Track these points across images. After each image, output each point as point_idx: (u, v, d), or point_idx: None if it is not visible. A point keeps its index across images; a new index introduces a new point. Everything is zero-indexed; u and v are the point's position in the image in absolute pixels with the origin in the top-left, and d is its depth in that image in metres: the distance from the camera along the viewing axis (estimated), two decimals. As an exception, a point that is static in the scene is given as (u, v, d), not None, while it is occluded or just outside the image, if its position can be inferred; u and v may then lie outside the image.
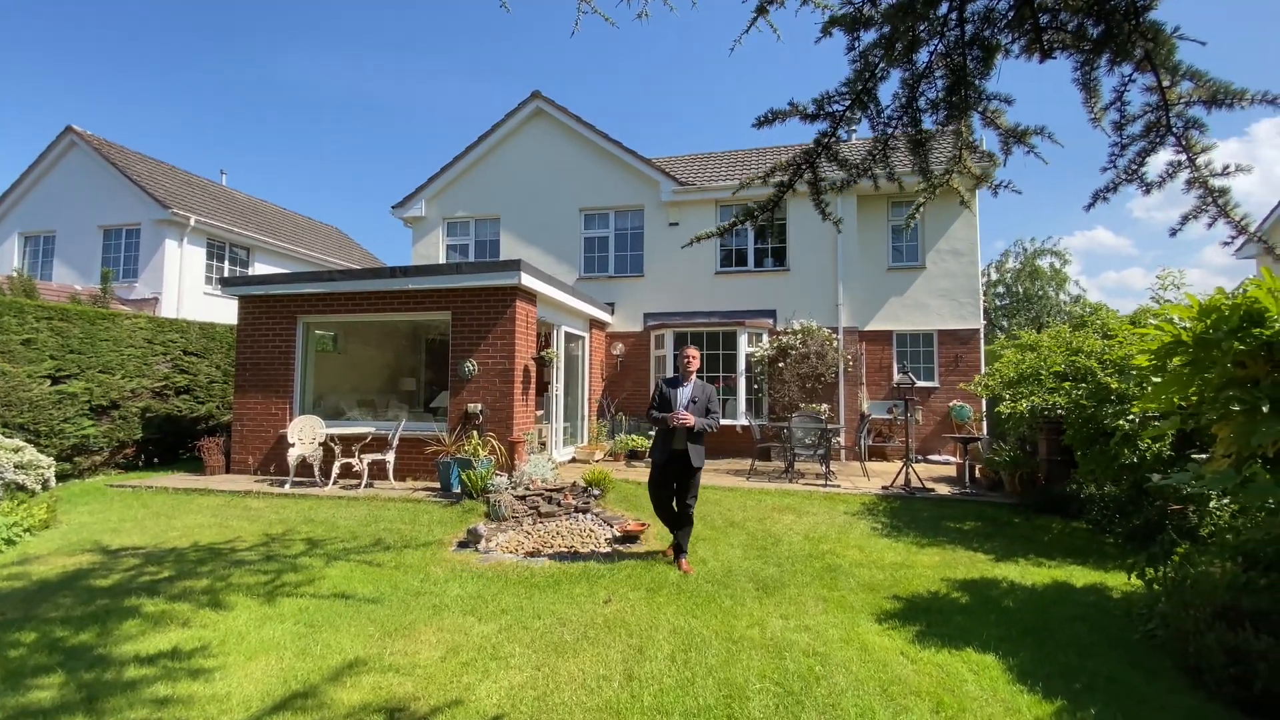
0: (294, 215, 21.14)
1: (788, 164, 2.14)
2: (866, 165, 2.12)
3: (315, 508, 7.05)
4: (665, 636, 3.65)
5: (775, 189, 2.26)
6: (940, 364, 11.86)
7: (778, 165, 2.16)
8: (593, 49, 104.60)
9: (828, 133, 2.03)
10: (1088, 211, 2.11)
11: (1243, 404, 3.18)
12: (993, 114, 1.91)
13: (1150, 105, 1.64)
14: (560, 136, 13.17)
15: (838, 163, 2.16)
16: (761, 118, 1.94)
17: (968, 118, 1.89)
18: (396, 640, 3.57)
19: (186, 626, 3.75)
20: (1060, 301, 22.99)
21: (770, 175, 2.21)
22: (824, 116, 1.96)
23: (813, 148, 2.09)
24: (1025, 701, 2.91)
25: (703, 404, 5.11)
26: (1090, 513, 6.45)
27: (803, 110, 1.94)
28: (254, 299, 9.24)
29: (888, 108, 1.91)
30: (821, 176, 2.18)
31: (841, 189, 2.15)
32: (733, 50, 3.15)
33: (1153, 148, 1.74)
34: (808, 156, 2.12)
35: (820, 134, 2.05)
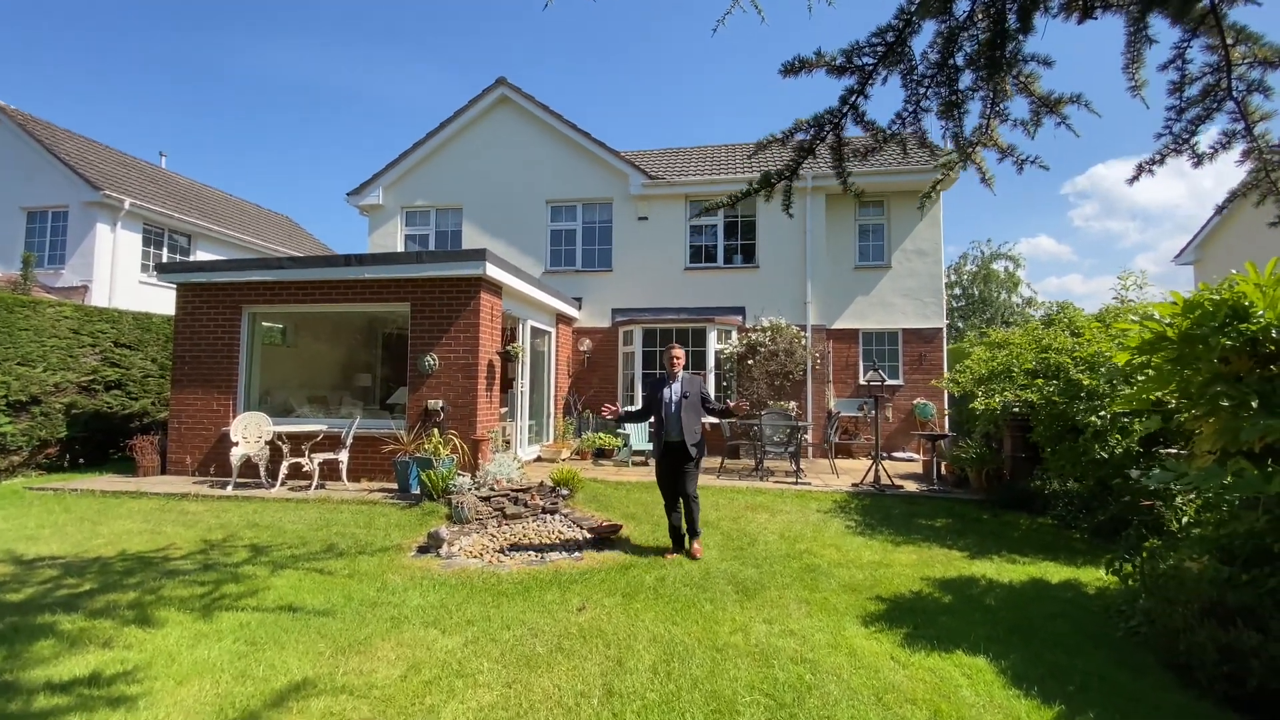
0: (240, 202, 20.06)
1: (810, 123, 1.93)
2: (895, 130, 1.94)
3: (260, 511, 6.56)
4: (645, 646, 3.42)
5: (794, 153, 2.06)
6: (905, 362, 11.99)
7: (799, 124, 1.96)
8: (562, 39, 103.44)
9: (855, 89, 1.83)
10: (1131, 185, 1.97)
11: (1231, 399, 3.15)
12: (1027, 78, 1.75)
13: (1210, 66, 1.51)
14: (526, 125, 12.78)
15: (863, 125, 1.96)
16: (788, 65, 1.72)
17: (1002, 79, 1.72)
18: (350, 657, 3.24)
19: (108, 647, 3.33)
20: (1013, 304, 23.79)
21: (790, 136, 2.00)
22: (852, 70, 1.76)
23: (838, 106, 1.89)
24: (1023, 707, 2.80)
25: (696, 396, 5.32)
26: (1055, 508, 6.52)
27: (830, 61, 1.74)
28: (194, 287, 8.60)
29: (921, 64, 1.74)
30: (845, 140, 1.98)
31: (866, 155, 1.97)
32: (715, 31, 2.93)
33: (1208, 114, 1.61)
34: (832, 116, 1.92)
35: (847, 90, 1.85)
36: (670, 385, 5.34)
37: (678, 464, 5.28)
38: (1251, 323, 3.18)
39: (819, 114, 1.93)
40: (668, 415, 5.25)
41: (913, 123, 1.89)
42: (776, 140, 1.98)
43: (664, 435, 5.27)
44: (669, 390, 5.31)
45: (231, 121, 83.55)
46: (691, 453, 5.22)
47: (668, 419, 5.24)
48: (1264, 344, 3.20)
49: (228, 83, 78.67)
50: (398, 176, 13.17)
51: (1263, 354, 3.26)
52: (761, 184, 2.15)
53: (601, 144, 12.27)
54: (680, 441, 5.22)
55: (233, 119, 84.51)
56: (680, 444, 5.22)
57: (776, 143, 1.98)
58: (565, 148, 12.59)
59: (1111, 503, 5.77)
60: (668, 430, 5.25)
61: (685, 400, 5.24)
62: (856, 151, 1.97)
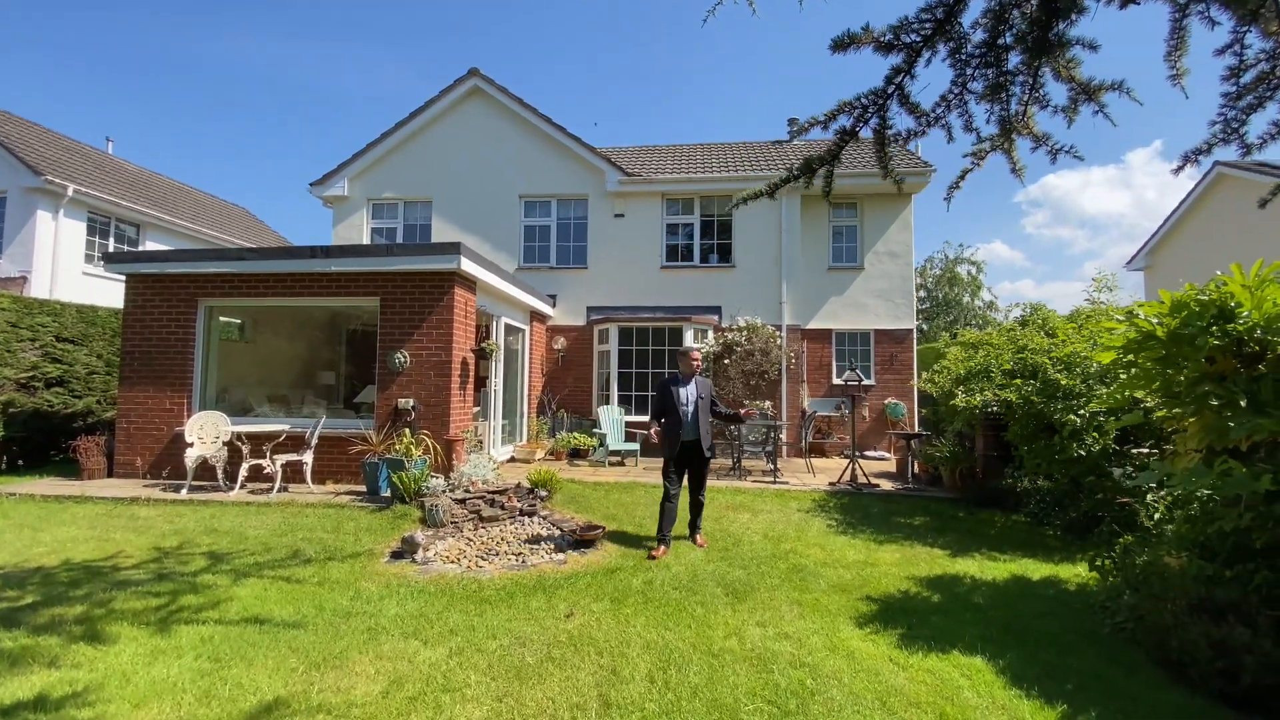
0: (195, 191, 19.16)
1: (853, 104, 1.83)
2: (940, 113, 1.86)
3: (218, 515, 6.20)
4: (639, 653, 3.30)
5: (837, 136, 1.95)
6: (876, 362, 12.14)
7: (843, 105, 1.86)
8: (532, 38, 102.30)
9: (901, 68, 1.74)
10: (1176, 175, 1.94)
11: (1219, 398, 3.20)
12: (1069, 62, 1.70)
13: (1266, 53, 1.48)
14: (499, 118, 12.50)
15: (908, 108, 1.88)
16: (838, 40, 1.62)
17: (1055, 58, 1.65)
18: (326, 673, 3.03)
19: (55, 666, 3.04)
20: (975, 307, 24.47)
21: (833, 118, 1.90)
22: (900, 48, 1.67)
23: (882, 87, 1.79)
24: (1027, 708, 2.78)
25: (708, 398, 5.59)
26: (1028, 506, 6.64)
27: (879, 38, 1.65)
28: (145, 278, 8.10)
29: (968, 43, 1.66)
30: (888, 125, 1.89)
31: (908, 139, 1.89)
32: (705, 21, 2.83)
33: (1260, 102, 1.59)
34: (876, 98, 1.82)
35: (893, 69, 1.76)
36: (684, 386, 5.48)
37: (693, 464, 5.49)
38: (1238, 323, 3.24)
39: (862, 95, 1.84)
40: (684, 415, 5.37)
41: (958, 105, 1.82)
42: (819, 122, 1.88)
43: (680, 435, 5.36)
44: (685, 391, 5.44)
45: (185, 111, 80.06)
46: (706, 454, 5.46)
47: (685, 419, 5.36)
48: (1249, 344, 3.27)
49: (182, 70, 75.32)
50: (364, 167, 12.73)
51: (1247, 354, 3.32)
52: (803, 170, 2.07)
53: (577, 139, 12.08)
54: (696, 441, 5.41)
55: (187, 108, 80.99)
56: (696, 444, 5.42)
57: (819, 125, 1.88)
58: (540, 142, 12.36)
59: (1083, 500, 5.89)
60: (685, 430, 5.36)
61: (700, 401, 5.43)
62: (897, 137, 1.89)
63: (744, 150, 13.68)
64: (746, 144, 14.17)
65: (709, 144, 14.12)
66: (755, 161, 12.73)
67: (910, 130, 1.87)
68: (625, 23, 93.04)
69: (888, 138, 1.91)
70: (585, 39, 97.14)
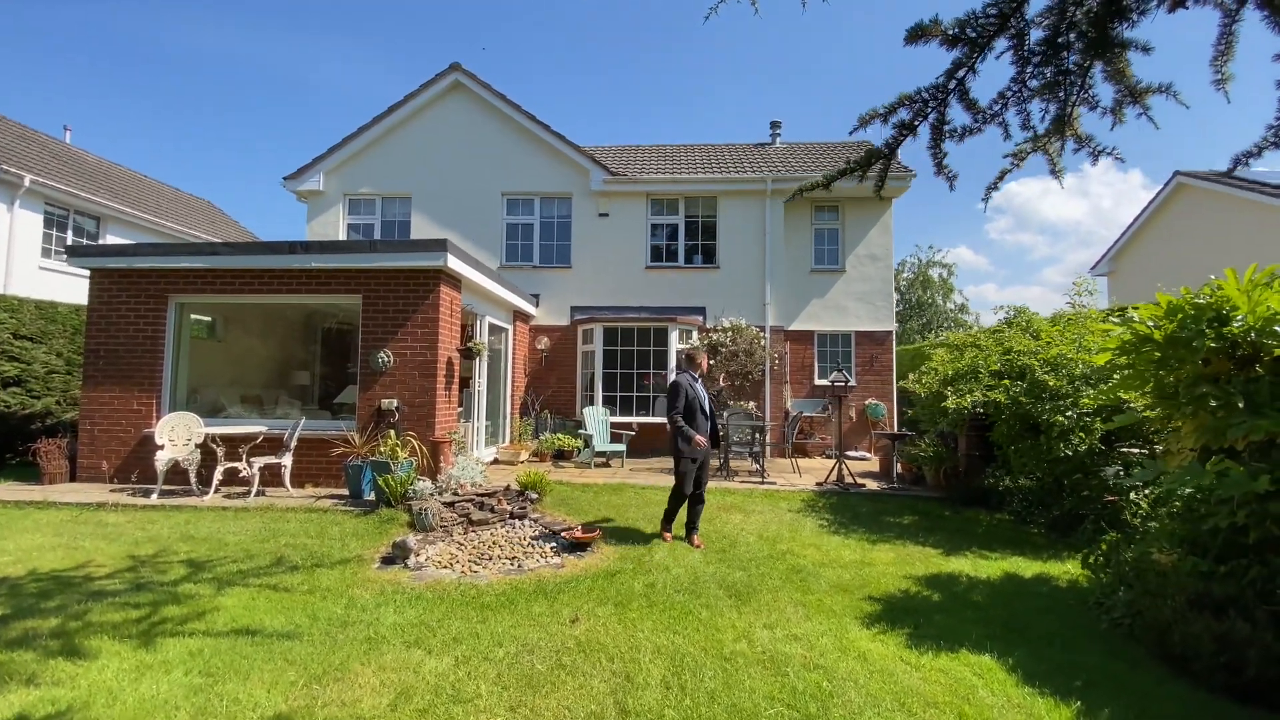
0: (156, 183, 18.43)
1: (914, 98, 1.81)
2: (996, 110, 1.85)
3: (194, 521, 5.95)
4: (651, 659, 3.24)
5: (895, 130, 1.93)
6: (857, 363, 12.30)
7: (903, 99, 1.83)
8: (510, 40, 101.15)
9: (963, 62, 1.73)
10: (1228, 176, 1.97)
11: (1217, 399, 3.29)
12: (1121, 64, 1.71)
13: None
14: (481, 114, 12.30)
15: (966, 104, 1.86)
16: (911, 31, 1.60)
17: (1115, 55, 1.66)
18: (328, 686, 2.90)
19: (33, 684, 2.84)
20: (948, 309, 25.04)
21: (893, 111, 1.87)
22: (963, 41, 1.66)
23: (943, 82, 1.78)
24: (1042, 707, 2.80)
25: (711, 397, 6.07)
26: (1011, 505, 6.78)
27: (945, 31, 1.63)
28: (112, 273, 7.73)
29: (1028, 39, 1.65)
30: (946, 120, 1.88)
31: (963, 137, 1.87)
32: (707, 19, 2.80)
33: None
34: (937, 92, 1.80)
35: (954, 63, 1.74)
36: (696, 386, 5.70)
37: (705, 459, 5.74)
38: (1233, 326, 3.33)
39: (923, 89, 1.82)
40: (703, 414, 5.63)
41: (1016, 102, 1.81)
42: (879, 115, 1.86)
43: (702, 431, 5.60)
44: (701, 392, 5.70)
45: (146, 100, 77.01)
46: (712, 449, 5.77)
47: (703, 417, 5.62)
48: (1244, 346, 3.37)
49: (144, 59, 72.44)
50: (341, 161, 12.40)
51: (1241, 356, 3.42)
52: (863, 162, 2.03)
53: (562, 137, 11.97)
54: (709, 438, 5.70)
55: (148, 98, 77.97)
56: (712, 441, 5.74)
57: (879, 118, 1.86)
58: (523, 139, 12.20)
59: (1066, 499, 6.03)
60: (700, 428, 5.58)
61: (708, 401, 5.74)
62: (954, 132, 1.88)
63: (727, 152, 13.73)
64: (730, 145, 14.23)
65: (692, 145, 14.14)
66: (739, 163, 12.78)
67: (965, 127, 1.86)
68: (607, 21, 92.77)
69: (944, 133, 1.89)
70: (565, 35, 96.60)
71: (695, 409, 5.60)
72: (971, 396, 6.00)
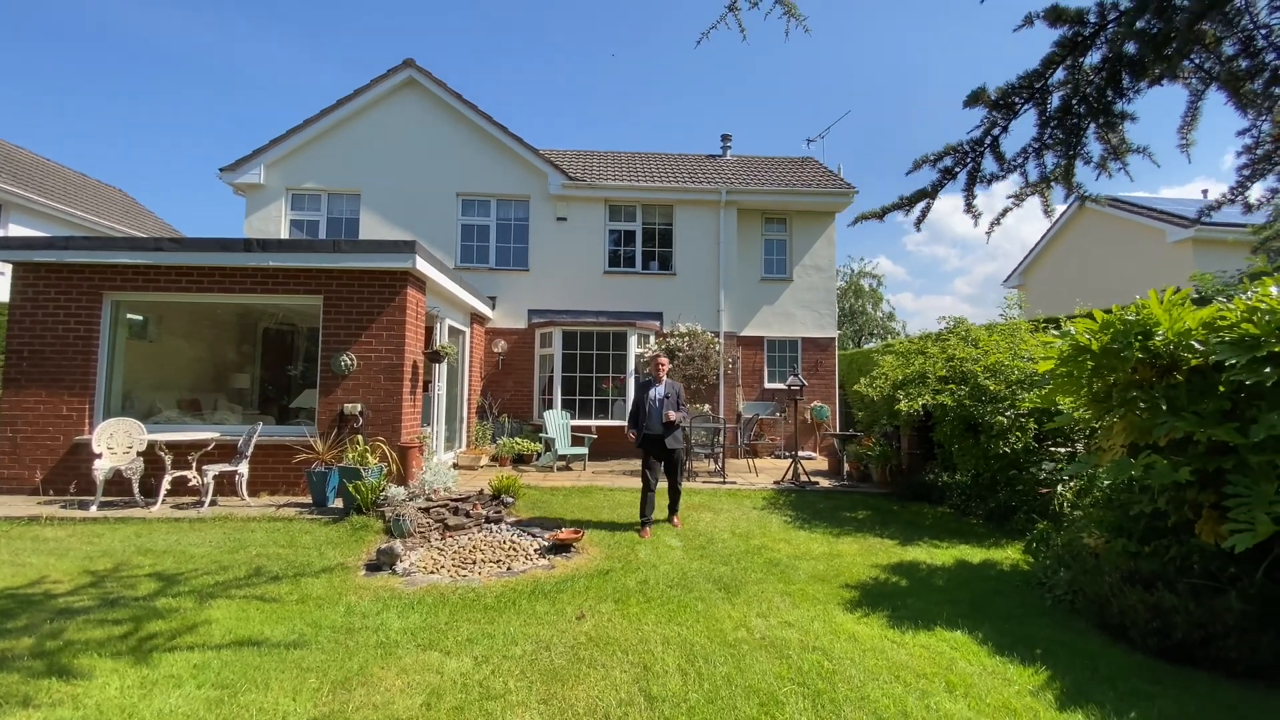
0: (64, 169, 16.89)
1: (957, 149, 2.11)
2: (1019, 161, 2.17)
3: (146, 534, 5.62)
4: (663, 649, 3.43)
5: (940, 173, 2.22)
6: (803, 368, 12.93)
7: (948, 149, 2.13)
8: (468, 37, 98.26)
9: (997, 122, 2.04)
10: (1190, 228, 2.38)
11: (1145, 402, 3.83)
12: (1115, 130, 2.07)
13: (1270, 136, 1.91)
14: (436, 112, 12.09)
15: (996, 155, 2.18)
16: (970, 96, 1.89)
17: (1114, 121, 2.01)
18: (354, 691, 2.91)
19: (31, 706, 2.70)
20: (877, 317, 26.57)
21: (941, 158, 2.16)
22: (1002, 106, 1.97)
23: (980, 138, 2.08)
24: (1014, 672, 3.20)
25: (674, 399, 6.38)
26: (952, 499, 7.41)
27: (988, 97, 1.93)
28: (39, 267, 7.14)
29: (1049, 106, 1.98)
30: (981, 169, 2.18)
31: (991, 182, 2.18)
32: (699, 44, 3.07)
33: (1262, 173, 2.02)
34: (975, 146, 2.11)
35: (990, 122, 2.05)
36: (655, 388, 6.41)
37: (664, 455, 6.31)
38: (1156, 339, 3.89)
39: (964, 142, 2.13)
40: (650, 411, 6.33)
41: (1035, 157, 2.15)
42: (929, 160, 2.15)
43: (646, 429, 6.31)
44: (655, 391, 6.38)
45: (46, 82, 69.63)
46: (668, 443, 6.25)
47: (650, 414, 6.32)
48: (1164, 357, 3.93)
49: (46, 37, 65.38)
50: (284, 154, 11.85)
51: (1162, 366, 3.99)
52: (915, 198, 2.30)
53: (519, 139, 11.94)
54: (659, 435, 6.26)
55: (49, 78, 70.52)
56: (659, 436, 6.26)
57: (928, 163, 2.15)
58: (479, 140, 12.09)
59: (1001, 492, 6.68)
60: (650, 425, 6.28)
61: (665, 400, 6.34)
62: (983, 178, 2.19)
63: (681, 162, 14.10)
64: (683, 155, 14.61)
65: (648, 153, 14.42)
66: (694, 173, 13.16)
67: (994, 174, 2.18)
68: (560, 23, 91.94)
69: (979, 177, 2.21)
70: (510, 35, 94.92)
71: (640, 409, 6.40)
72: (922, 400, 6.54)
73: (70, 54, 72.33)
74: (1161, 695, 3.00)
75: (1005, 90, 1.98)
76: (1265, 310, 3.45)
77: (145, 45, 77.42)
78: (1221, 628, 3.30)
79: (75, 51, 72.95)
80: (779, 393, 12.58)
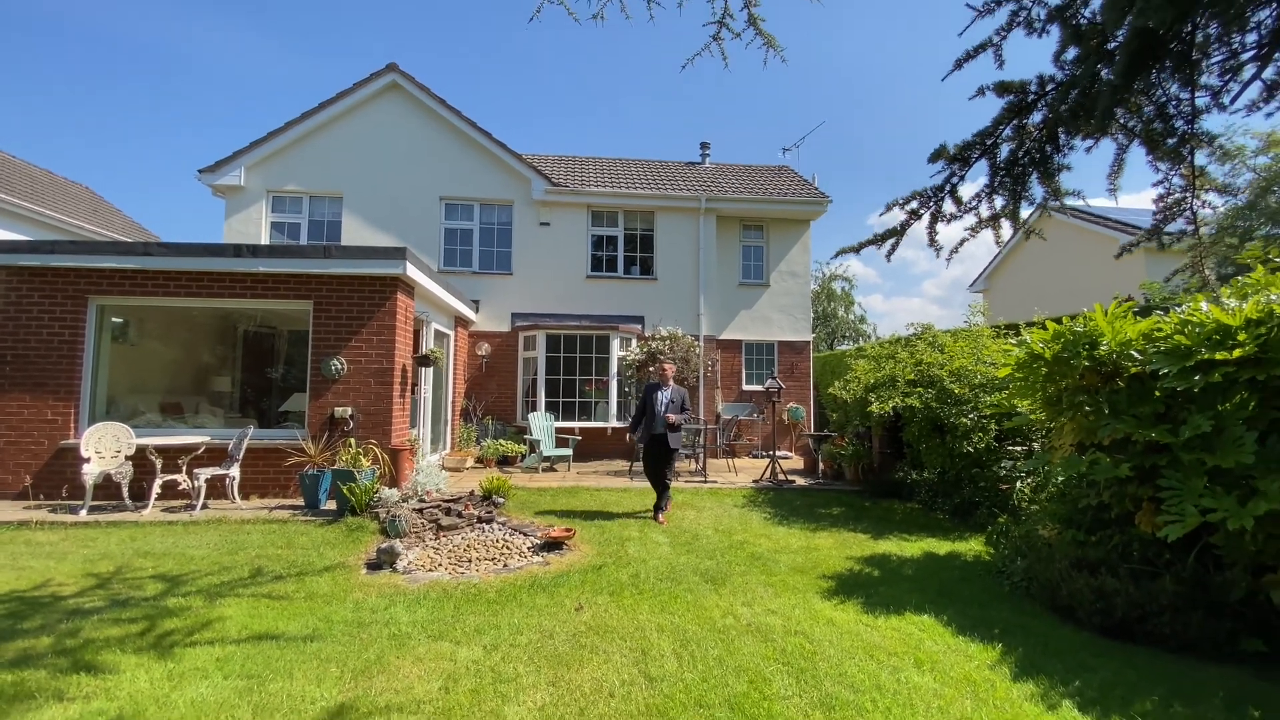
0: (29, 166, 16.46)
1: (922, 194, 2.44)
2: (973, 204, 2.50)
3: (141, 537, 5.70)
4: (657, 635, 3.70)
5: (907, 214, 2.54)
6: (780, 370, 13.35)
7: (915, 194, 2.46)
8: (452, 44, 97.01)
9: (956, 173, 2.37)
10: (1118, 259, 2.74)
11: (1090, 406, 4.24)
12: (1053, 178, 2.41)
13: (1179, 186, 2.26)
14: (419, 117, 12.20)
15: (955, 199, 2.50)
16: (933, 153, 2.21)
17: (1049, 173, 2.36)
18: (374, 678, 3.12)
19: (65, 700, 2.85)
20: (849, 320, 27.28)
21: (909, 201, 2.48)
22: (959, 160, 2.29)
23: (941, 185, 2.41)
24: (974, 649, 3.55)
25: (679, 402, 6.92)
26: (920, 495, 7.84)
27: (948, 152, 2.26)
28: (22, 270, 7.11)
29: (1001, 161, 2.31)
30: (943, 210, 2.51)
31: (950, 221, 2.51)
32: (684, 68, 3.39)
33: (1170, 218, 2.37)
34: (936, 192, 2.44)
35: (950, 172, 2.37)
36: (661, 391, 6.92)
37: (661, 452, 6.83)
38: (1101, 349, 4.30)
39: (927, 189, 2.45)
40: (656, 413, 6.82)
41: (986, 199, 2.48)
42: (899, 203, 2.47)
43: (652, 429, 6.85)
44: (662, 395, 6.89)
45: None
46: (671, 443, 6.80)
47: (657, 417, 6.82)
48: (1108, 364, 4.34)
49: None
50: (264, 156, 11.83)
51: (1105, 372, 4.41)
52: (886, 234, 2.61)
53: (503, 145, 12.11)
54: (663, 435, 6.81)
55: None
56: (663, 436, 6.82)
57: (899, 205, 2.47)
58: (463, 145, 12.22)
59: (965, 489, 7.11)
60: (657, 425, 6.81)
61: (670, 404, 6.85)
62: (944, 217, 2.52)
63: (661, 169, 14.41)
64: (663, 162, 14.93)
65: (629, 159, 14.69)
66: (674, 180, 13.48)
67: (952, 214, 2.51)
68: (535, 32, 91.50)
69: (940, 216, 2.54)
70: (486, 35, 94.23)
71: (643, 411, 7.00)
72: (892, 402, 6.94)
73: (23, 45, 69.63)
74: (1103, 667, 3.38)
75: (962, 146, 2.31)
76: (1196, 324, 3.88)
77: (99, 37, 74.93)
78: (1156, 607, 3.70)
79: (30, 43, 70.27)
80: (756, 394, 12.97)
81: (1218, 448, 3.51)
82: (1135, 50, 1.69)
